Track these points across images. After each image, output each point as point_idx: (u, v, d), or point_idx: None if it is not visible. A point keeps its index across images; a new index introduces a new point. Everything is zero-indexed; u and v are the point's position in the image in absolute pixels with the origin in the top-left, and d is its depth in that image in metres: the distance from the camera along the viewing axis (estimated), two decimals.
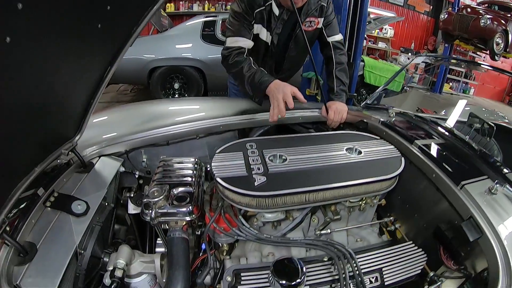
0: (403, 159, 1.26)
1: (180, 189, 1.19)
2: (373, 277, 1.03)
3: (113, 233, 1.43)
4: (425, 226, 1.31)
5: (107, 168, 1.42)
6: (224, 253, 1.18)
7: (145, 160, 1.59)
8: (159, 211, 1.12)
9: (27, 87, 0.85)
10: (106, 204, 1.31)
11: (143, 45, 4.54)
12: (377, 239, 1.27)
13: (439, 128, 1.60)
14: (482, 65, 2.51)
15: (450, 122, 1.80)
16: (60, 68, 0.94)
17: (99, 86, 1.19)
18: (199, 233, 1.28)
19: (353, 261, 0.99)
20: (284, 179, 1.07)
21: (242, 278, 0.98)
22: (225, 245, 1.21)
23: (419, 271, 1.10)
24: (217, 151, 1.26)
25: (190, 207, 1.12)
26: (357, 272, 0.97)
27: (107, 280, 1.03)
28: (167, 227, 1.14)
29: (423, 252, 1.14)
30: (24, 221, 0.98)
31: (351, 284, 0.98)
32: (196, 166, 1.34)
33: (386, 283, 1.03)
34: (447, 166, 1.26)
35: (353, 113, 1.79)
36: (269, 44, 1.81)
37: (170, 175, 1.26)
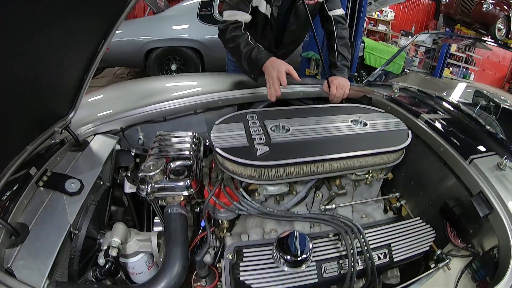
0: (410, 132, 1.19)
1: (178, 163, 1.12)
2: (381, 253, 0.97)
3: (110, 214, 1.36)
4: (431, 203, 1.26)
5: (102, 146, 1.35)
6: (225, 231, 1.12)
7: (141, 137, 1.50)
8: (155, 186, 1.05)
9: (16, 63, 0.80)
10: (102, 183, 1.24)
11: (139, 26, 4.38)
12: (382, 215, 1.21)
13: (445, 104, 1.53)
14: (487, 42, 2.41)
15: (456, 98, 1.73)
16: (51, 43, 0.88)
17: (93, 61, 1.11)
18: (198, 210, 1.22)
19: (361, 236, 0.93)
20: (287, 149, 1.00)
21: (244, 255, 0.92)
22: (225, 222, 1.15)
23: (428, 248, 1.04)
24: (217, 122, 1.18)
25: (188, 181, 1.05)
26: (366, 247, 0.91)
27: (101, 260, 0.96)
28: (164, 204, 1.07)
29: (431, 228, 1.09)
30: (16, 202, 0.91)
31: (359, 260, 0.93)
32: (194, 140, 1.26)
33: (394, 260, 0.98)
34: (455, 140, 1.20)
35: (356, 88, 1.71)
36: (269, 17, 1.70)
37: (167, 149, 1.18)
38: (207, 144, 1.34)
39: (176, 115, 1.52)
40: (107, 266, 0.93)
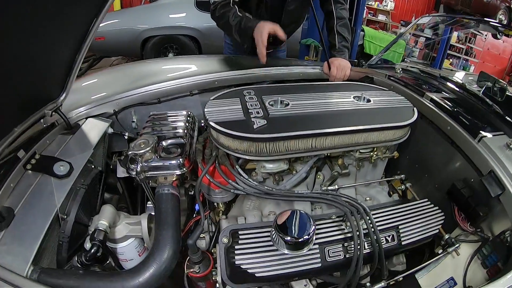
0: (415, 109, 1.10)
1: (170, 141, 1.03)
2: (389, 236, 0.90)
3: (103, 201, 1.28)
4: (437, 186, 1.18)
5: (94, 129, 1.27)
6: (220, 214, 1.04)
7: (135, 120, 1.42)
8: (146, 165, 0.96)
9: (4, 45, 0.74)
10: (93, 167, 1.16)
11: (135, 15, 4.23)
12: (387, 198, 1.13)
13: (450, 84, 1.44)
14: (491, 23, 2.30)
15: (460, 78, 1.64)
16: (40, 25, 0.83)
17: (83, 42, 1.06)
18: (192, 193, 1.14)
19: (368, 217, 0.85)
20: (286, 122, 0.92)
21: (240, 237, 0.84)
22: (221, 204, 1.07)
23: (437, 231, 0.97)
24: (211, 98, 1.09)
25: (181, 159, 0.96)
26: (373, 229, 0.83)
27: (87, 245, 0.89)
28: (156, 185, 0.98)
29: (440, 210, 1.01)
30: (2, 185, 0.85)
31: (365, 243, 0.85)
32: (188, 119, 1.17)
33: (403, 243, 0.90)
34: (462, 119, 1.12)
35: (357, 69, 1.62)
36: None
37: (160, 128, 1.10)
38: (203, 124, 1.26)
39: (171, 97, 1.43)
40: (92, 250, 0.85)
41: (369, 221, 0.84)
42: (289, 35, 1.90)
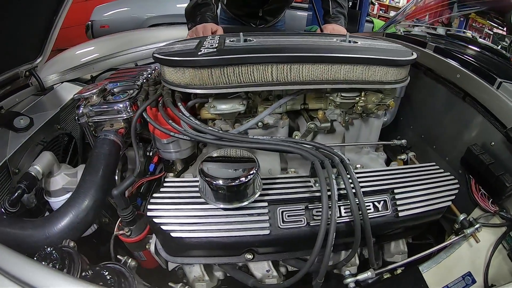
0: (415, 53, 0.77)
1: (122, 87, 0.82)
2: (378, 201, 0.58)
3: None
4: (448, 159, 0.85)
5: (66, 92, 1.15)
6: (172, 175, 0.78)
7: None
8: (91, 109, 0.76)
9: None
10: (58, 127, 0.99)
11: (141, 3, 3.99)
12: (384, 167, 0.81)
13: (460, 41, 1.10)
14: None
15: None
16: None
17: (60, 5, 1.02)
18: (151, 154, 0.90)
19: (346, 172, 0.55)
20: (241, 51, 0.64)
21: (161, 189, 0.58)
22: (178, 164, 0.82)
23: (449, 203, 0.64)
24: (169, 42, 0.84)
25: (127, 102, 0.76)
26: (353, 189, 0.53)
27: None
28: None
29: (453, 177, 0.68)
30: None
31: (342, 208, 0.55)
32: (153, 72, 0.95)
33: (400, 214, 0.58)
34: (474, 64, 0.81)
35: (355, 34, 1.31)
36: None
37: (121, 78, 0.89)
38: None
39: (149, 61, 1.23)
40: (16, 194, 0.67)
41: (348, 177, 0.54)
42: (279, 12, 1.65)
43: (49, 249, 0.48)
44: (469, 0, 1.25)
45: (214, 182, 0.47)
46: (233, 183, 0.46)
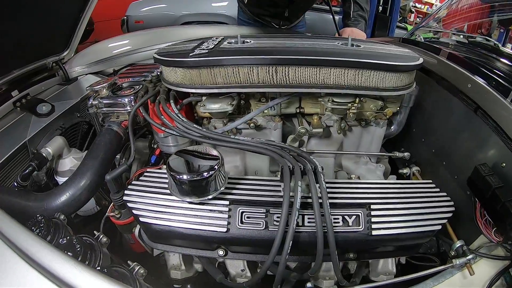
0: (422, 58, 0.71)
1: (130, 82, 0.91)
2: (350, 216, 0.56)
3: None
4: (457, 178, 0.78)
5: (88, 84, 1.28)
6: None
7: None
8: (101, 101, 0.86)
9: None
10: (78, 115, 1.12)
11: (178, 0, 4.16)
12: (366, 181, 0.77)
13: (481, 50, 0.98)
14: None
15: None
16: None
17: (86, 2, 1.12)
18: (155, 146, 0.98)
19: (314, 178, 0.54)
20: (232, 53, 0.66)
21: (141, 178, 0.64)
22: None
23: (439, 227, 0.59)
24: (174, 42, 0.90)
25: (132, 97, 0.84)
26: (320, 198, 0.52)
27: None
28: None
29: (448, 198, 0.62)
30: None
31: (306, 217, 0.55)
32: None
33: (373, 232, 0.56)
34: (488, 74, 0.74)
35: (370, 39, 1.26)
36: None
37: (134, 74, 0.99)
38: None
39: None
40: (27, 171, 0.79)
41: (317, 185, 0.53)
42: (303, 11, 1.63)
43: (40, 217, 0.57)
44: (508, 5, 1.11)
45: (178, 177, 0.51)
46: (194, 178, 0.50)
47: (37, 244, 0.43)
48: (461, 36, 1.16)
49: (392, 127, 0.86)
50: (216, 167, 0.51)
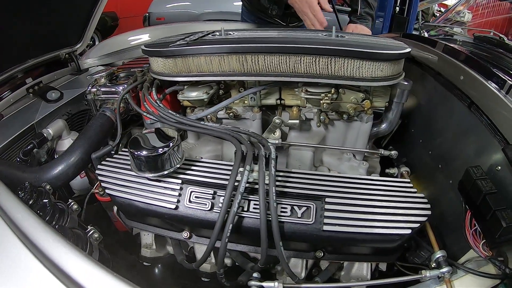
0: (409, 49, 0.66)
1: (126, 72, 1.00)
2: (299, 207, 0.56)
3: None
4: (452, 182, 0.71)
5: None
6: None
7: None
8: (99, 88, 0.96)
9: None
10: (86, 103, 1.24)
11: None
12: (330, 174, 0.74)
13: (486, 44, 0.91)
14: None
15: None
16: None
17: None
18: None
19: (264, 163, 0.55)
20: (207, 43, 0.69)
21: (120, 152, 0.72)
22: None
23: (409, 231, 0.55)
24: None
25: (126, 85, 0.92)
26: (267, 186, 0.52)
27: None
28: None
29: (425, 201, 0.58)
30: (3, 98, 1.02)
31: (252, 203, 0.56)
32: None
33: (324, 228, 0.54)
34: (484, 66, 0.67)
35: (382, 35, 1.20)
36: None
37: (131, 64, 1.08)
38: None
39: None
40: (28, 147, 0.89)
41: (266, 172, 0.54)
42: None
43: (27, 184, 0.66)
44: None
45: (135, 153, 0.56)
46: (149, 154, 0.54)
47: (17, 205, 0.51)
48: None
49: (382, 125, 0.81)
50: (170, 144, 0.55)
